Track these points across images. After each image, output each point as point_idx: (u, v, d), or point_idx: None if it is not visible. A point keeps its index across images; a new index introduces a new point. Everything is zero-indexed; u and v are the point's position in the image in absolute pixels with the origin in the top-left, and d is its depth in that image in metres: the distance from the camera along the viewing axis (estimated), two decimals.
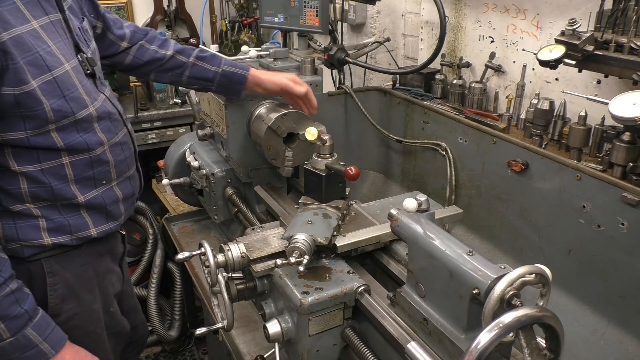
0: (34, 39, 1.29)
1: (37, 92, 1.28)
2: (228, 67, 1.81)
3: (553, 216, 1.78)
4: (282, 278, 1.38)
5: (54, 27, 1.37)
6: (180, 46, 1.84)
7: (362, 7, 2.97)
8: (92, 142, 1.44)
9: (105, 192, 1.52)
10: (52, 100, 1.31)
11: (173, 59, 1.80)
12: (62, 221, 1.45)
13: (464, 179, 2.15)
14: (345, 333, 1.37)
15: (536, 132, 1.90)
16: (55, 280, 1.47)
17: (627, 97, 1.49)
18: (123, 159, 1.56)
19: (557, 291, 1.68)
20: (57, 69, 1.33)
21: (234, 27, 4.17)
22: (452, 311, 1.12)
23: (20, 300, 1.31)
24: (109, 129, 1.50)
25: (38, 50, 1.29)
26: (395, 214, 1.27)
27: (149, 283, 3.12)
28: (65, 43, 1.40)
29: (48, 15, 1.36)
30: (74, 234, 1.47)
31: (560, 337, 0.95)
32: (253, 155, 2.00)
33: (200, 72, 1.81)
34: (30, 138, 1.33)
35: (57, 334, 1.38)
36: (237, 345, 1.78)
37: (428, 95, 2.43)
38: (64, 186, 1.42)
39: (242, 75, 1.81)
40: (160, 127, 3.51)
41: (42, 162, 1.38)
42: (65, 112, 1.35)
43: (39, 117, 1.31)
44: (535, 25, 2.10)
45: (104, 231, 1.54)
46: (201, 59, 1.81)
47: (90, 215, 1.50)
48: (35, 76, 1.28)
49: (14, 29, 1.24)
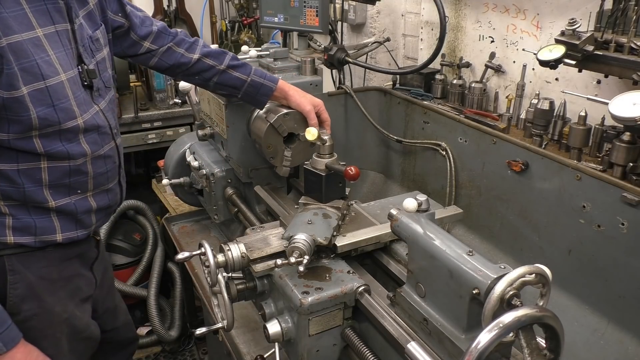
0: (34, 46, 1.30)
1: (26, 98, 1.29)
2: (257, 77, 1.81)
3: (553, 216, 1.78)
4: (282, 278, 1.38)
5: (59, 37, 1.39)
6: (210, 49, 1.82)
7: (362, 7, 2.97)
8: (75, 152, 1.44)
9: (78, 201, 1.51)
10: (39, 109, 1.32)
11: (199, 63, 1.79)
12: (29, 222, 1.44)
13: (464, 179, 2.15)
14: (345, 333, 1.37)
15: (536, 132, 1.90)
16: (16, 278, 1.46)
17: (627, 97, 1.49)
18: (104, 172, 1.56)
19: (557, 291, 1.68)
20: (51, 78, 1.33)
21: (234, 27, 4.17)
22: (452, 311, 1.12)
23: None
24: (95, 141, 1.50)
25: (36, 59, 1.30)
26: (395, 214, 1.27)
27: (149, 283, 3.13)
28: (67, 53, 1.41)
29: (55, 24, 1.38)
30: (39, 236, 1.46)
31: (560, 337, 0.95)
32: (253, 155, 2.00)
33: (229, 80, 1.81)
34: (11, 140, 1.34)
35: (11, 331, 1.38)
36: (237, 345, 1.78)
37: (428, 95, 2.43)
38: (36, 189, 1.42)
39: (269, 87, 1.81)
40: (160, 127, 3.51)
41: (20, 163, 1.38)
42: (51, 121, 1.35)
43: (24, 122, 1.32)
44: (535, 25, 2.10)
45: (70, 238, 1.53)
46: (232, 67, 1.81)
47: (60, 220, 1.49)
48: (27, 83, 1.29)
49: (14, 35, 1.25)
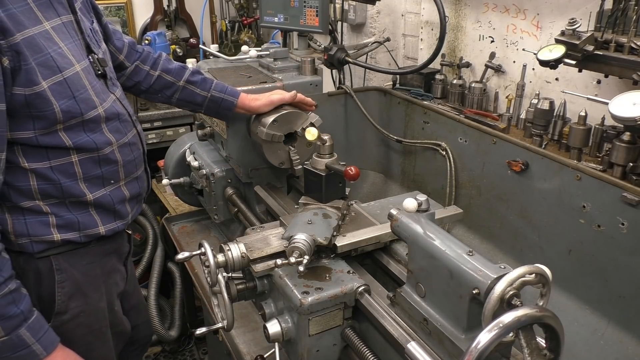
0: (46, 40, 1.30)
1: (47, 93, 1.29)
2: (217, 92, 1.83)
3: (553, 216, 1.78)
4: (282, 278, 1.38)
5: (66, 28, 1.39)
6: (171, 65, 1.84)
7: (362, 7, 2.97)
8: (100, 142, 1.46)
9: (113, 192, 1.53)
10: (61, 101, 1.33)
11: (160, 79, 1.81)
12: (72, 218, 1.46)
13: (464, 179, 2.15)
14: (345, 333, 1.37)
15: (536, 132, 1.90)
16: (63, 277, 1.48)
17: (627, 97, 1.49)
18: (132, 160, 1.58)
19: (557, 291, 1.68)
20: (67, 70, 1.34)
21: (234, 27, 4.17)
22: (452, 311, 1.12)
23: (17, 300, 1.31)
24: (117, 129, 1.51)
25: (49, 52, 1.30)
26: (395, 214, 1.27)
27: (149, 283, 3.13)
28: (76, 44, 1.41)
29: (60, 16, 1.38)
30: (83, 231, 1.48)
31: (560, 337, 0.95)
32: (253, 155, 2.00)
33: (189, 96, 1.84)
34: (38, 137, 1.35)
35: (50, 336, 1.39)
36: (237, 345, 1.78)
37: (428, 95, 2.43)
38: (73, 184, 1.43)
39: (230, 102, 1.84)
40: (160, 127, 3.51)
41: (52, 160, 1.39)
42: (73, 112, 1.36)
43: (48, 117, 1.32)
44: (535, 25, 2.10)
45: (112, 229, 1.55)
46: (192, 83, 1.83)
47: (99, 214, 1.51)
48: (46, 77, 1.29)
49: (26, 30, 1.25)
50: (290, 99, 1.86)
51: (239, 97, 1.84)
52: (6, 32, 1.21)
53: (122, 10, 3.93)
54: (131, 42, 1.80)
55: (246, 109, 1.86)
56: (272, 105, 1.84)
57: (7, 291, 1.29)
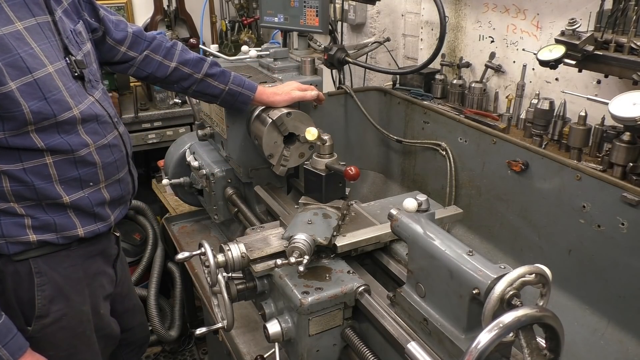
0: (16, 40, 1.29)
1: (16, 93, 1.28)
2: (235, 86, 1.82)
3: (553, 216, 1.78)
4: (282, 278, 1.38)
5: (40, 29, 1.37)
6: (188, 56, 1.80)
7: (362, 7, 2.97)
8: (75, 144, 1.43)
9: (92, 194, 1.50)
10: (31, 102, 1.31)
11: (176, 71, 1.78)
12: (48, 219, 1.44)
13: (464, 179, 2.15)
14: (345, 333, 1.37)
15: (536, 132, 1.90)
16: (43, 280, 1.46)
17: (627, 97, 1.49)
18: (112, 162, 1.55)
19: (557, 291, 1.68)
20: (38, 70, 1.32)
21: (234, 27, 4.17)
22: (452, 311, 1.12)
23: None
24: (95, 131, 1.49)
25: (19, 52, 1.28)
26: (395, 214, 1.27)
27: (149, 283, 3.13)
28: (51, 45, 1.39)
29: (35, 17, 1.36)
30: (60, 233, 1.46)
31: (560, 337, 0.95)
32: (253, 155, 2.00)
33: (207, 88, 1.82)
34: (8, 139, 1.33)
35: (17, 341, 1.36)
36: (237, 345, 1.78)
37: (428, 95, 2.43)
38: (48, 186, 1.41)
39: (247, 96, 1.82)
40: (160, 127, 3.51)
41: (24, 162, 1.37)
42: (45, 114, 1.34)
43: (17, 118, 1.30)
44: (535, 25, 2.10)
45: (92, 231, 1.53)
46: (210, 76, 1.80)
47: (77, 216, 1.49)
48: (14, 78, 1.27)
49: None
50: (311, 98, 1.86)
51: (256, 92, 1.83)
52: None
53: (122, 10, 3.93)
54: (137, 31, 1.75)
55: (264, 103, 1.85)
56: (292, 101, 1.84)
57: None
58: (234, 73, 1.85)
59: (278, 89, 1.86)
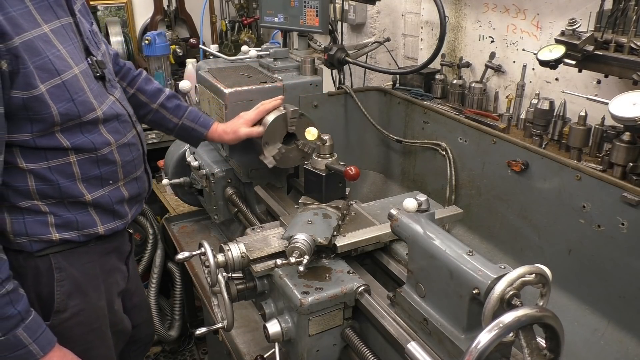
0: (44, 43, 1.30)
1: (46, 96, 1.29)
2: (189, 121, 1.87)
3: (553, 216, 1.78)
4: (282, 278, 1.38)
5: (65, 31, 1.39)
6: (147, 86, 1.84)
7: (362, 7, 2.97)
8: (98, 143, 1.46)
9: (111, 192, 1.53)
10: (59, 104, 1.33)
11: (134, 98, 1.82)
12: (70, 217, 1.46)
13: (464, 179, 2.15)
14: (345, 333, 1.37)
15: (536, 132, 1.90)
16: (62, 276, 1.48)
17: (627, 97, 1.49)
18: (131, 160, 1.58)
19: (557, 291, 1.68)
20: (65, 72, 1.34)
21: (234, 27, 4.17)
22: (452, 311, 1.12)
23: (15, 301, 1.32)
24: (116, 130, 1.52)
25: (48, 55, 1.30)
26: (395, 214, 1.27)
27: (149, 283, 3.13)
28: (75, 46, 1.41)
29: (59, 19, 1.38)
30: (81, 231, 1.49)
31: (560, 337, 0.95)
32: (253, 155, 2.00)
33: (161, 120, 1.87)
34: (35, 139, 1.35)
35: (47, 336, 1.39)
36: (237, 345, 1.78)
37: (428, 95, 2.43)
38: (71, 184, 1.44)
39: (200, 132, 1.88)
40: None
41: (50, 160, 1.39)
42: (71, 115, 1.36)
43: (46, 120, 1.32)
44: (535, 25, 2.10)
45: (111, 229, 1.55)
46: (165, 108, 1.85)
47: (98, 214, 1.52)
48: (44, 80, 1.29)
49: (25, 34, 1.25)
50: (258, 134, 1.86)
51: (209, 129, 1.88)
52: (5, 36, 1.21)
53: (122, 10, 3.93)
54: (115, 54, 1.79)
55: (217, 140, 1.91)
56: (239, 140, 1.87)
57: (5, 292, 1.30)
58: (192, 108, 1.90)
59: (227, 126, 1.90)
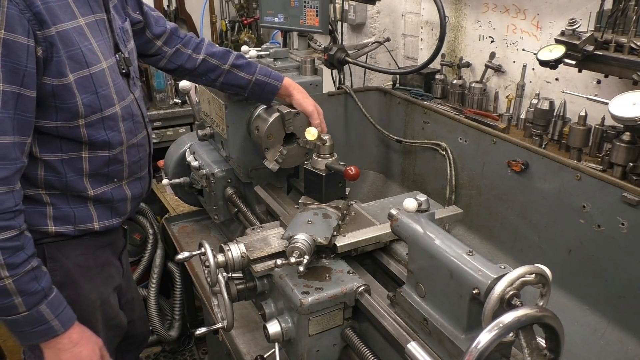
0: (79, 35, 1.36)
1: (73, 85, 1.35)
2: (262, 76, 1.83)
3: (553, 216, 1.78)
4: (282, 278, 1.38)
5: (98, 26, 1.44)
6: (215, 49, 1.85)
7: (362, 7, 2.97)
8: (114, 141, 1.49)
9: (114, 190, 1.56)
10: (84, 95, 1.37)
11: (204, 63, 1.82)
12: (69, 211, 1.49)
13: (464, 179, 2.15)
14: (345, 333, 1.37)
15: (536, 132, 1.90)
16: (54, 266, 1.50)
17: (627, 97, 1.49)
18: (137, 160, 1.61)
19: (557, 291, 1.68)
20: (94, 65, 1.39)
21: (234, 27, 4.18)
22: (452, 311, 1.12)
23: (39, 277, 1.35)
24: (130, 129, 1.55)
25: (80, 47, 1.35)
26: (395, 214, 1.27)
27: (149, 283, 3.12)
28: (105, 42, 1.46)
29: (94, 14, 1.44)
30: (77, 225, 1.51)
31: (560, 337, 0.95)
32: (253, 155, 2.00)
33: (234, 80, 1.84)
34: (59, 128, 1.39)
35: (67, 312, 1.42)
36: (237, 345, 1.78)
37: (428, 95, 2.43)
38: (77, 178, 1.47)
39: (274, 85, 1.83)
40: (160, 127, 3.51)
41: (63, 153, 1.43)
42: (94, 108, 1.41)
43: (71, 110, 1.37)
44: (535, 25, 2.10)
45: (106, 226, 1.57)
46: (237, 67, 1.83)
47: (96, 209, 1.54)
48: (74, 70, 1.34)
49: (61, 24, 1.31)
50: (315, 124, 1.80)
51: (282, 82, 1.84)
52: (43, 24, 1.27)
53: None
54: (174, 28, 1.83)
55: (286, 97, 1.85)
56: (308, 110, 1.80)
57: (30, 268, 1.33)
58: (260, 65, 1.87)
59: (301, 90, 1.86)
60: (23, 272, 1.31)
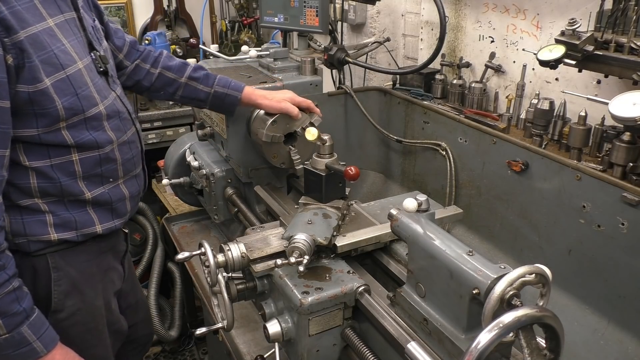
0: (49, 37, 1.31)
1: (50, 90, 1.30)
2: (220, 87, 1.80)
3: (553, 216, 1.78)
4: (282, 278, 1.38)
5: (69, 25, 1.40)
6: (172, 62, 1.82)
7: (362, 7, 2.97)
8: (102, 140, 1.46)
9: (111, 190, 1.54)
10: (64, 99, 1.34)
11: (161, 77, 1.81)
12: (69, 217, 1.46)
13: (464, 179, 2.15)
14: (345, 333, 1.37)
15: (536, 132, 1.90)
16: (59, 275, 1.48)
17: (627, 97, 1.49)
18: (130, 158, 1.58)
19: (557, 291, 1.68)
20: (70, 67, 1.35)
21: (234, 27, 4.17)
22: (452, 311, 1.12)
23: (20, 298, 1.32)
24: (118, 127, 1.52)
25: (53, 49, 1.31)
26: (395, 214, 1.27)
27: (149, 283, 3.13)
28: (79, 41, 1.42)
29: (63, 13, 1.39)
30: (80, 230, 1.49)
31: (560, 337, 0.95)
32: (253, 155, 2.00)
33: (192, 93, 1.82)
34: (41, 135, 1.35)
35: (50, 334, 1.39)
36: (237, 345, 1.78)
37: (428, 95, 2.43)
38: (72, 182, 1.44)
39: (234, 97, 1.81)
40: (160, 127, 3.52)
41: (52, 158, 1.40)
42: (75, 109, 1.37)
43: (51, 115, 1.33)
44: (535, 25, 2.10)
45: (109, 228, 1.56)
46: (194, 79, 1.81)
47: (96, 212, 1.52)
48: (49, 74, 1.30)
49: (30, 28, 1.26)
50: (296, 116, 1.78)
51: (242, 92, 1.80)
52: (10, 29, 1.22)
53: (122, 10, 3.93)
54: (132, 42, 1.80)
55: (252, 104, 1.82)
56: (279, 111, 1.77)
57: (11, 289, 1.30)
58: (220, 75, 1.85)
59: (269, 93, 1.82)
60: (4, 293, 1.28)
